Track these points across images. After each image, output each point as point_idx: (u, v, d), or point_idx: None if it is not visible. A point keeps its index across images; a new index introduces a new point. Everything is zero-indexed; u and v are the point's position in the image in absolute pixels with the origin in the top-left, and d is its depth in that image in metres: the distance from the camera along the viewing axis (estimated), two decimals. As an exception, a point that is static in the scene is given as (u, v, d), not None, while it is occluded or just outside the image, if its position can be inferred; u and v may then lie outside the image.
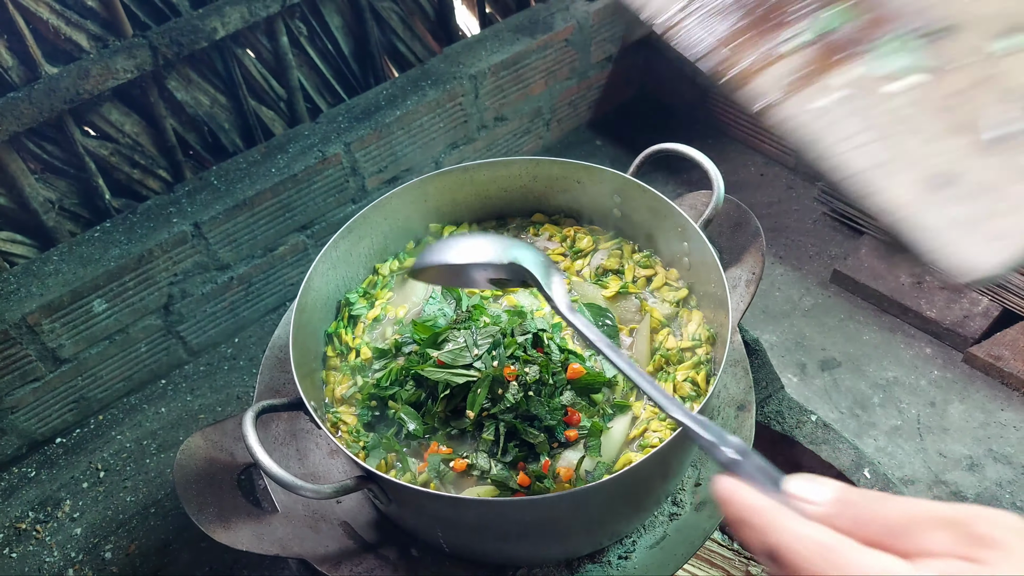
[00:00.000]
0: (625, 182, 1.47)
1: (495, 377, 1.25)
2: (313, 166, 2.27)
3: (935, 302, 2.24)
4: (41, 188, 2.10)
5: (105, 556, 1.95)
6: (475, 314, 1.38)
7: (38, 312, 1.98)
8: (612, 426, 1.28)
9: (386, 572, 1.27)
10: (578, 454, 1.23)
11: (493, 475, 1.21)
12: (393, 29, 2.58)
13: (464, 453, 1.25)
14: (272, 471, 1.04)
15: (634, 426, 1.30)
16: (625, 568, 1.31)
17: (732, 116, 2.84)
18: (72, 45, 1.98)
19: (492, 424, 1.24)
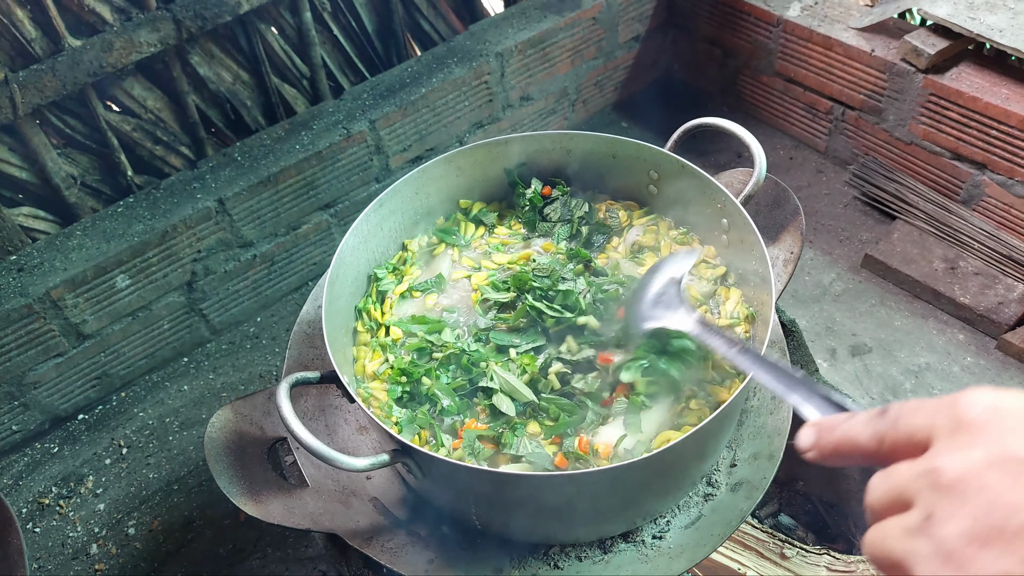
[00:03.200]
0: (664, 157, 1.44)
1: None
2: (337, 143, 2.25)
3: (969, 288, 2.19)
4: (63, 163, 2.08)
5: (128, 532, 1.94)
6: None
7: (62, 287, 1.97)
8: (651, 404, 1.25)
9: (417, 548, 1.25)
10: (617, 431, 1.20)
11: (530, 455, 1.18)
12: (417, 7, 2.55)
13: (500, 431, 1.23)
14: (309, 443, 1.02)
15: (674, 403, 1.27)
16: (659, 548, 1.28)
17: (761, 98, 2.79)
18: (96, 17, 1.96)
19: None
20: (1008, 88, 2.13)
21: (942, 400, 0.53)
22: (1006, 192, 2.19)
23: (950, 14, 2.19)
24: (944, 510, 0.48)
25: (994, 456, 0.48)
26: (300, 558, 1.83)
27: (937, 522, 0.48)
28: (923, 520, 0.49)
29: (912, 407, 0.55)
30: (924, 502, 0.50)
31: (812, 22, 2.48)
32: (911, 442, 0.54)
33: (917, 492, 0.51)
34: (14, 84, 1.86)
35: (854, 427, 0.58)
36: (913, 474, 0.51)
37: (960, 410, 0.51)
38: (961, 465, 0.48)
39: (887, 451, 0.56)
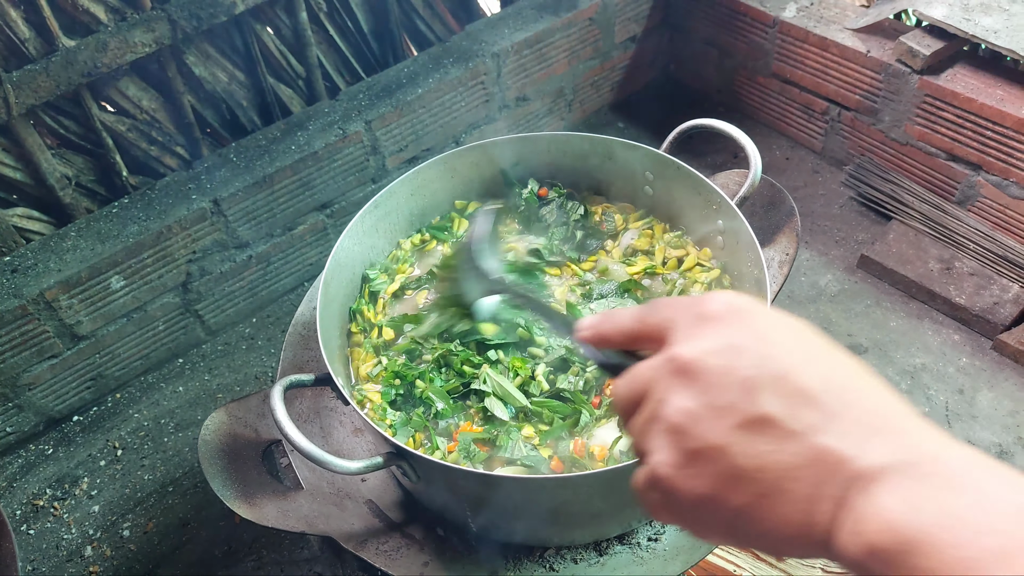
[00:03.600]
0: (659, 158, 1.44)
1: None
2: (333, 144, 2.24)
3: (964, 288, 2.19)
4: (58, 164, 2.07)
5: (123, 534, 1.94)
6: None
7: (56, 288, 1.96)
8: None
9: (412, 551, 1.25)
10: (613, 433, 1.20)
11: (524, 459, 1.18)
12: (413, 7, 2.54)
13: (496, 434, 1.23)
14: (302, 446, 1.02)
15: None
16: (655, 550, 1.28)
17: (757, 99, 2.79)
18: (90, 17, 1.95)
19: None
20: (1003, 89, 2.13)
21: (691, 298, 0.58)
22: (1001, 193, 2.19)
23: (945, 15, 2.20)
24: (673, 390, 0.53)
25: (721, 344, 0.53)
26: (295, 560, 1.83)
27: (665, 402, 0.53)
28: (656, 403, 0.54)
29: (667, 301, 0.60)
30: (659, 387, 0.54)
31: (808, 23, 2.48)
32: (659, 328, 0.58)
33: (655, 381, 0.55)
34: (8, 84, 1.85)
35: (626, 312, 0.63)
36: (652, 367, 0.56)
37: (703, 307, 0.56)
38: (694, 351, 0.53)
39: (642, 334, 0.60)
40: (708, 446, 0.50)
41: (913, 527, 0.44)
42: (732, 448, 0.50)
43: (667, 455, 0.52)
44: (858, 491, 0.47)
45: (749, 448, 0.49)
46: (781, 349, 0.52)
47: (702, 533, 0.55)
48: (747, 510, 0.50)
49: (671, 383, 0.53)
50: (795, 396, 0.50)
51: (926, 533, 0.44)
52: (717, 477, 0.50)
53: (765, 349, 0.52)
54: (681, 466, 0.52)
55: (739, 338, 0.53)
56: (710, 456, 0.50)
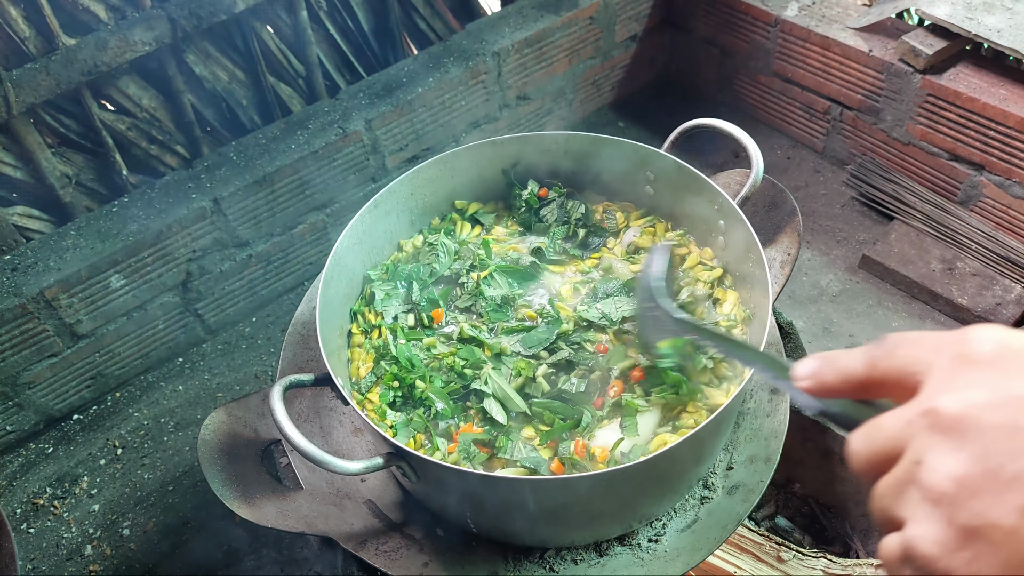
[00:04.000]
0: (660, 158, 1.43)
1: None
2: (333, 143, 2.24)
3: (966, 289, 2.18)
4: (58, 162, 2.07)
5: (123, 533, 1.94)
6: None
7: (56, 286, 1.96)
8: (646, 407, 1.24)
9: (412, 551, 1.24)
10: (614, 435, 1.20)
11: (524, 460, 1.18)
12: (414, 5, 2.54)
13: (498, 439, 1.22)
14: (302, 446, 1.01)
15: (670, 406, 1.26)
16: (655, 551, 1.27)
17: (758, 98, 2.78)
18: (90, 16, 1.95)
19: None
20: (1006, 89, 2.13)
21: (947, 334, 0.48)
22: (1004, 193, 2.19)
23: (948, 14, 2.19)
24: (937, 452, 0.43)
25: (1000, 396, 0.43)
26: (295, 559, 1.83)
27: (928, 466, 0.44)
28: (913, 465, 0.45)
29: (913, 337, 0.49)
30: (916, 446, 0.45)
31: (810, 22, 2.47)
32: (904, 374, 0.48)
33: (909, 437, 0.46)
34: (8, 83, 1.85)
35: (851, 355, 0.53)
36: (903, 420, 0.46)
37: (967, 346, 0.46)
38: (962, 404, 0.43)
39: (877, 379, 0.51)
40: (991, 525, 0.41)
41: None
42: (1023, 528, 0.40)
43: (933, 530, 0.43)
44: None
45: None
46: None
47: None
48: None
49: (933, 442, 0.44)
50: None
51: None
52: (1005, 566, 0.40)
53: None
54: (954, 546, 0.42)
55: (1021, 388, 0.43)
56: (994, 538, 0.41)
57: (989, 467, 0.41)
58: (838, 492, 1.78)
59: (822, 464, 1.78)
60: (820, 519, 1.79)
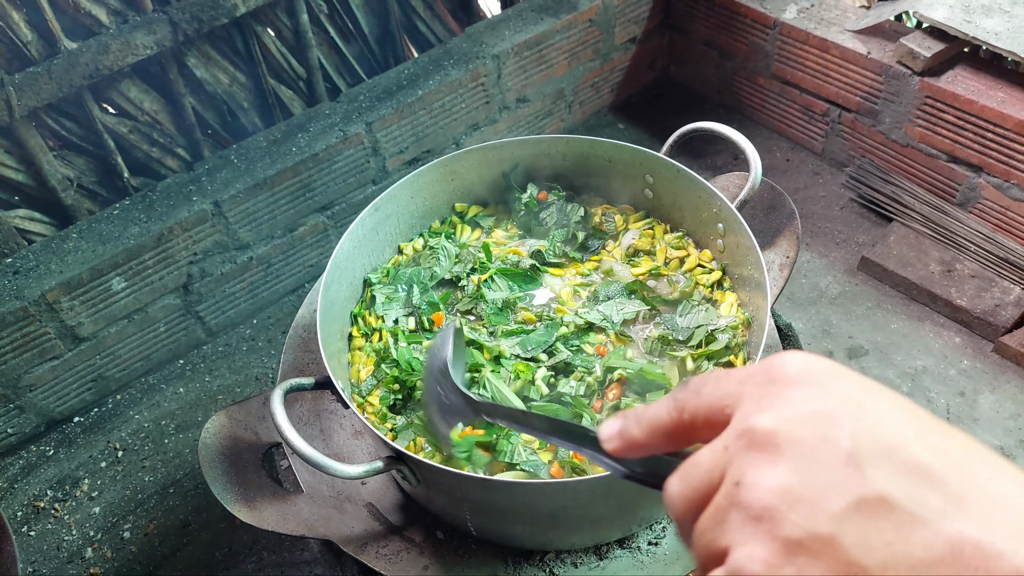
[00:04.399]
0: (659, 162, 1.44)
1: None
2: (334, 145, 2.25)
3: (965, 290, 2.19)
4: (59, 165, 2.08)
5: (124, 535, 1.94)
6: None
7: (57, 289, 1.96)
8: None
9: (412, 554, 1.25)
10: None
11: (524, 463, 1.18)
12: (414, 8, 2.54)
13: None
14: (303, 451, 1.02)
15: None
16: (655, 554, 1.28)
17: (757, 100, 2.79)
18: (92, 20, 1.96)
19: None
20: (1004, 91, 2.13)
21: (752, 366, 0.48)
22: (1002, 195, 2.19)
23: (946, 17, 2.20)
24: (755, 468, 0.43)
25: (809, 411, 0.43)
26: (295, 562, 1.83)
27: (747, 484, 0.43)
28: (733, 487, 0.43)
29: (717, 375, 0.49)
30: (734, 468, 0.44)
31: (808, 24, 2.48)
32: (713, 410, 0.48)
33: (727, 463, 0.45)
34: (10, 87, 1.85)
35: (655, 405, 0.52)
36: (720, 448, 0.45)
37: (772, 371, 0.47)
38: (774, 420, 0.43)
39: (687, 422, 0.49)
40: (812, 535, 0.40)
41: None
42: (844, 538, 0.40)
43: (758, 549, 0.41)
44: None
45: (866, 538, 0.40)
46: (882, 417, 0.43)
47: None
48: None
49: (750, 460, 0.43)
50: (911, 473, 0.41)
51: None
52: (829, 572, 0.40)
53: (864, 416, 0.43)
54: (779, 563, 0.41)
55: (830, 404, 0.43)
56: (815, 548, 0.40)
57: (804, 478, 0.41)
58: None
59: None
60: (819, 521, 1.80)
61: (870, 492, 0.40)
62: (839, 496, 0.40)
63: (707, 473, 0.46)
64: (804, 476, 0.41)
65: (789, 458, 0.42)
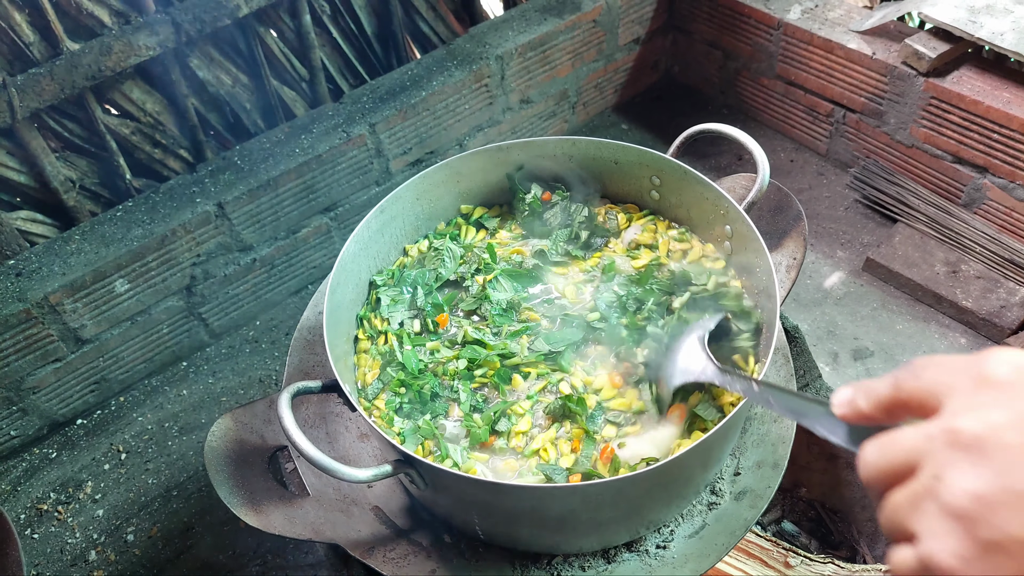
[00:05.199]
0: (666, 163, 1.43)
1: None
2: (338, 146, 2.24)
3: (971, 292, 2.18)
4: (62, 167, 2.07)
5: (127, 538, 1.93)
6: None
7: (60, 291, 1.96)
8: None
9: (419, 558, 1.24)
10: (645, 446, 1.20)
11: (542, 467, 1.18)
12: (416, 9, 2.54)
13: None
14: (311, 455, 1.01)
15: None
16: (663, 558, 1.27)
17: (761, 101, 2.78)
18: (94, 21, 1.95)
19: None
20: (1009, 92, 2.13)
21: (966, 357, 0.51)
22: (1007, 195, 2.19)
23: (951, 18, 2.19)
24: (956, 469, 0.46)
25: (1018, 417, 0.45)
26: (300, 565, 1.83)
27: (948, 482, 0.46)
28: (932, 480, 0.47)
29: (936, 360, 0.52)
30: (934, 462, 0.47)
31: (813, 25, 2.47)
32: (927, 394, 0.51)
33: (927, 453, 0.48)
34: (12, 88, 1.85)
35: (880, 380, 0.56)
36: (923, 435, 0.49)
37: (985, 368, 0.49)
38: (981, 423, 0.46)
39: (903, 399, 0.53)
40: (1011, 538, 0.43)
41: None
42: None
43: (952, 544, 0.45)
44: None
45: None
46: None
47: None
48: None
49: (953, 459, 0.46)
50: None
51: None
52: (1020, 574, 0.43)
53: None
54: (973, 559, 0.44)
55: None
56: (1011, 550, 0.43)
57: (1007, 484, 0.44)
58: (844, 496, 1.78)
59: (828, 468, 1.78)
60: (826, 523, 1.79)
61: None
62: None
63: (906, 454, 0.49)
64: (1007, 482, 0.44)
65: (993, 462, 0.45)
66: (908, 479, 0.49)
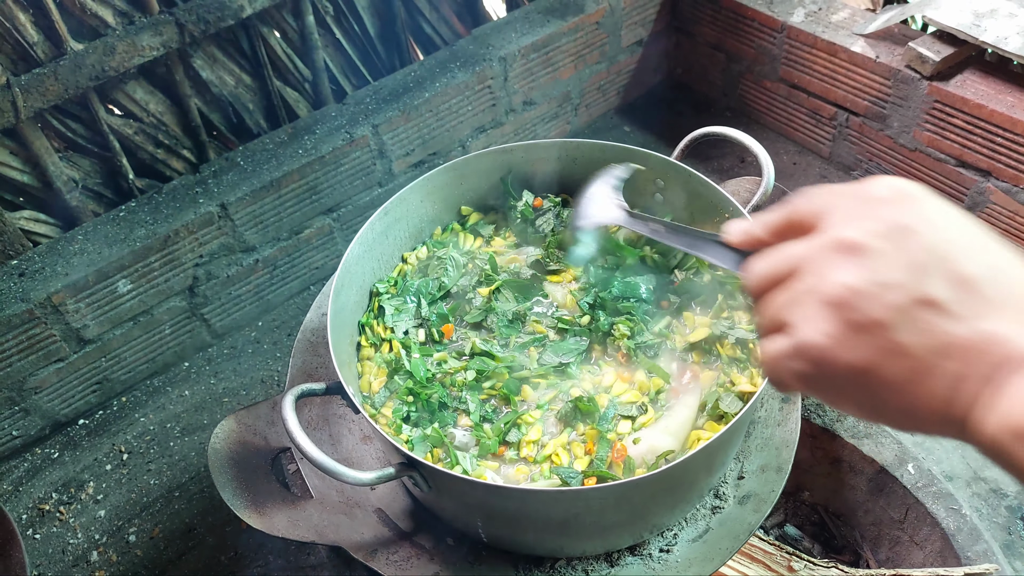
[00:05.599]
0: (670, 166, 1.43)
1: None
2: (340, 148, 2.24)
3: (973, 296, 2.18)
4: (65, 167, 2.07)
5: (129, 539, 1.93)
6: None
7: (63, 291, 1.95)
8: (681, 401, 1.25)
9: (422, 561, 1.24)
10: (659, 437, 1.19)
11: (557, 470, 1.18)
12: (420, 10, 2.53)
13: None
14: (315, 457, 1.01)
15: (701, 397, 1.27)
16: (666, 561, 1.27)
17: (764, 103, 2.78)
18: (98, 21, 1.95)
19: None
20: (1014, 95, 2.12)
21: (850, 183, 0.59)
22: (1011, 199, 2.19)
23: (955, 21, 2.19)
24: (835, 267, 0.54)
25: (889, 225, 0.54)
26: (302, 566, 1.82)
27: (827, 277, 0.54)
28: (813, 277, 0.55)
29: (823, 188, 0.61)
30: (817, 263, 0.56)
31: (816, 28, 2.47)
32: (814, 215, 0.59)
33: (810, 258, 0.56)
34: (16, 88, 1.85)
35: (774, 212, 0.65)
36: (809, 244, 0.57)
37: (866, 189, 0.58)
38: (860, 231, 0.55)
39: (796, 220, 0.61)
40: (872, 321, 0.52)
41: None
42: (896, 325, 0.52)
43: (825, 326, 0.54)
44: (1009, 371, 0.50)
45: (913, 326, 0.52)
46: (948, 235, 0.54)
47: (841, 404, 0.57)
48: (897, 383, 0.53)
49: (834, 259, 0.55)
50: (961, 283, 0.52)
51: None
52: (878, 350, 0.53)
53: (933, 234, 0.54)
54: (841, 337, 0.53)
55: (907, 221, 0.54)
56: (873, 330, 0.53)
57: (875, 279, 0.53)
58: (848, 500, 1.77)
59: (831, 472, 1.77)
60: (829, 527, 1.79)
61: (925, 294, 0.52)
62: (900, 295, 0.52)
63: (792, 260, 0.58)
64: (876, 276, 0.53)
65: (866, 262, 0.54)
66: (790, 281, 0.58)
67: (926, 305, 0.52)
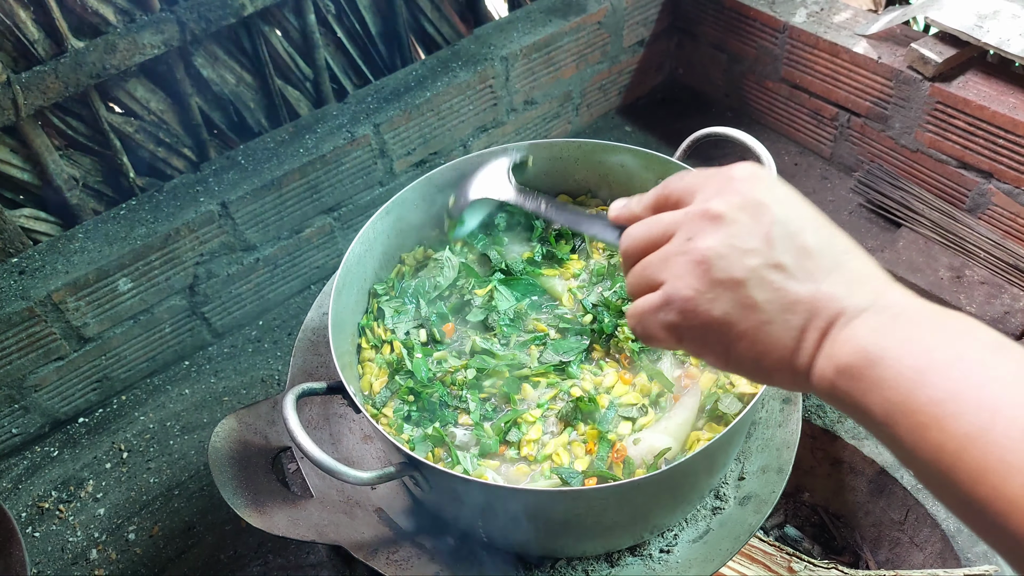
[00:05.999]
0: (674, 167, 1.42)
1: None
2: (341, 147, 2.24)
3: (974, 297, 2.18)
4: (65, 165, 2.07)
5: (128, 537, 1.93)
6: None
7: (63, 290, 1.95)
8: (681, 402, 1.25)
9: (423, 560, 1.24)
10: (659, 438, 1.19)
11: (559, 470, 1.17)
12: (421, 9, 2.53)
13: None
14: (316, 457, 1.01)
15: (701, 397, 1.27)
16: (667, 562, 1.27)
17: (766, 104, 2.78)
18: (99, 18, 1.95)
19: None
20: (1015, 97, 2.12)
21: (716, 168, 0.70)
22: (1013, 201, 2.18)
23: (957, 22, 2.19)
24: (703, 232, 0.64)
25: (748, 201, 0.65)
26: (301, 565, 1.82)
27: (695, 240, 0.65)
28: (684, 240, 0.65)
29: (692, 172, 0.71)
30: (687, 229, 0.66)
31: (818, 29, 2.47)
32: (686, 192, 0.69)
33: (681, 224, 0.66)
34: (16, 85, 1.84)
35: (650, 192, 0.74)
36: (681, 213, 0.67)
37: (729, 172, 0.68)
38: (724, 204, 0.65)
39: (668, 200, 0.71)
40: (731, 278, 0.62)
41: (878, 346, 0.58)
42: (750, 283, 0.62)
43: (692, 281, 0.64)
44: (840, 324, 0.61)
45: (765, 285, 0.62)
46: (793, 212, 0.65)
47: (703, 353, 0.67)
48: (750, 333, 0.63)
49: (703, 226, 0.65)
50: (803, 251, 0.63)
51: (887, 349, 0.57)
52: (735, 304, 0.63)
53: (782, 211, 0.65)
54: (705, 291, 0.63)
55: (761, 198, 0.65)
56: (731, 286, 0.62)
57: (734, 243, 0.63)
58: (848, 501, 1.77)
59: (832, 473, 1.77)
60: (830, 528, 1.79)
61: (775, 259, 0.63)
62: (755, 258, 0.63)
63: (665, 226, 0.68)
64: (735, 242, 0.63)
65: (729, 228, 0.64)
66: (662, 244, 0.67)
67: (775, 268, 0.62)
